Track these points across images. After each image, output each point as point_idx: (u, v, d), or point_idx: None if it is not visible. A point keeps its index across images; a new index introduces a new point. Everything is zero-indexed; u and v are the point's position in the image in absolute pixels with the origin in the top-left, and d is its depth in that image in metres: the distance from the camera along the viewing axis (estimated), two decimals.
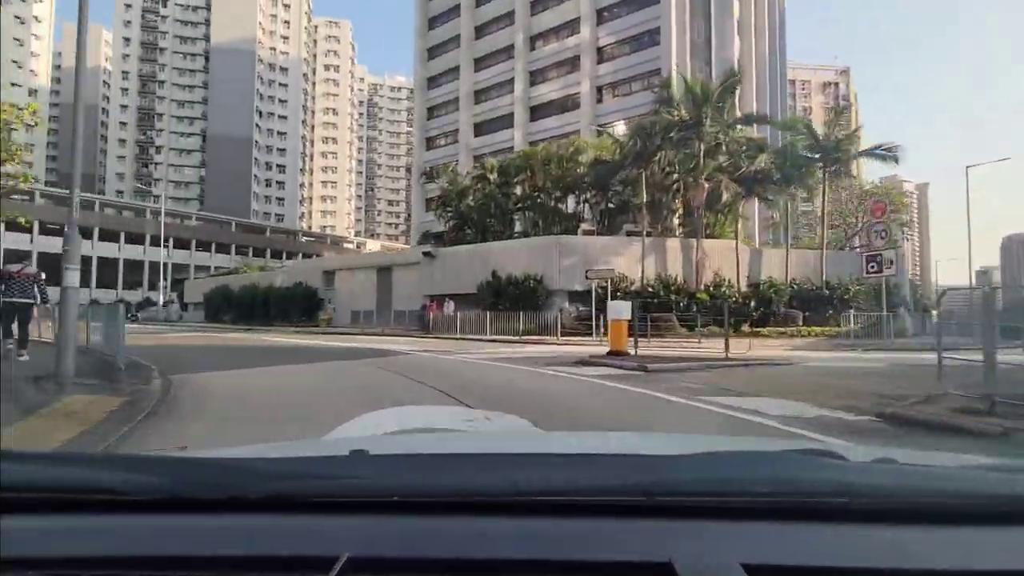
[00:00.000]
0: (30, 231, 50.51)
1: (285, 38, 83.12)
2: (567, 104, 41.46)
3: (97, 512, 0.69)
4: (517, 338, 18.89)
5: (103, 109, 79.90)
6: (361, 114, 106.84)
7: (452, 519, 0.69)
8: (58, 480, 0.72)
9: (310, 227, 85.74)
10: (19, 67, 62.82)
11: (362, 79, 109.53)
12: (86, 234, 56.04)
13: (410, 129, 72.81)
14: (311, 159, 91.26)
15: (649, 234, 22.60)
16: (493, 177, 27.17)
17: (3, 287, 8.41)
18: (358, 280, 31.76)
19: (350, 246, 75.61)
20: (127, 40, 78.71)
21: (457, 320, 21.56)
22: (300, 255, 63.83)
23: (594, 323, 17.50)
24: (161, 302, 39.77)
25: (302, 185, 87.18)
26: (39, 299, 9.05)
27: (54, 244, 46.60)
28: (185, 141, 77.90)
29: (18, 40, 63.04)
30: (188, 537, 0.67)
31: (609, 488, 0.73)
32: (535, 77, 43.71)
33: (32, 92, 66.78)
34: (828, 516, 0.70)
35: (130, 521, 0.69)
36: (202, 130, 77.67)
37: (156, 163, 78.44)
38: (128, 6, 77.98)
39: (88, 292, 54.06)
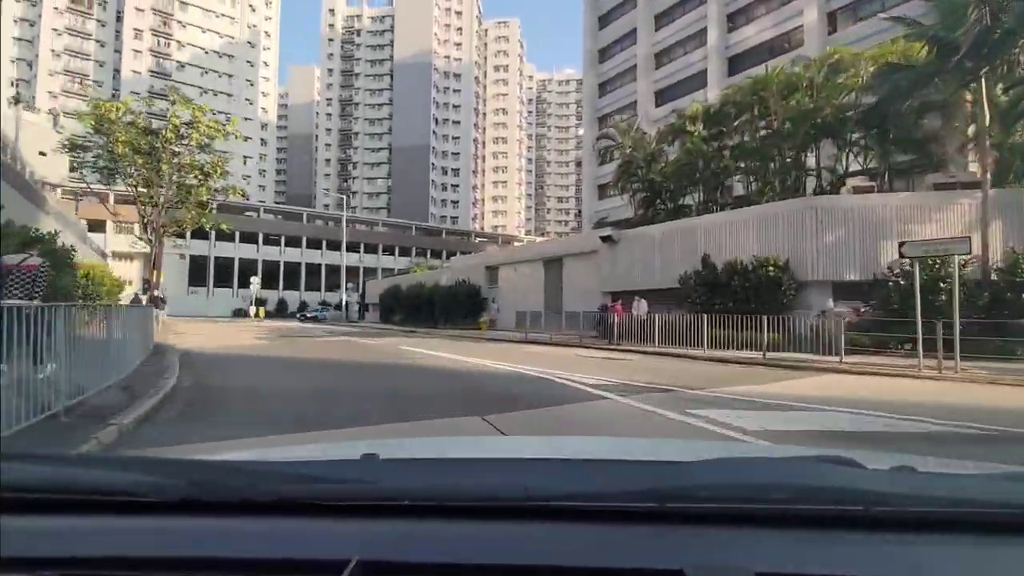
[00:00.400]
0: (256, 242, 58.62)
1: (458, 44, 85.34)
2: (781, 45, 31.83)
3: (109, 513, 0.70)
4: (760, 356, 11.91)
5: (315, 136, 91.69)
6: (530, 112, 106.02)
7: (463, 524, 0.69)
8: (70, 481, 0.73)
9: (482, 228, 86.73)
10: (250, 103, 74.11)
11: (530, 76, 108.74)
12: (296, 243, 63.95)
13: (579, 122, 67.93)
14: (482, 160, 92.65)
15: (968, 186, 13.49)
16: (696, 128, 20.02)
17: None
18: (523, 276, 27.54)
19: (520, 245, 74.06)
20: (330, 71, 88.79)
21: (654, 325, 15.25)
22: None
23: (920, 334, 9.60)
24: (343, 303, 41.14)
25: (474, 187, 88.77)
26: (34, 296, 6.24)
27: (271, 253, 51.87)
28: (375, 155, 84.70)
29: (249, 81, 74.44)
30: (199, 539, 0.67)
31: (621, 494, 0.71)
32: (735, 19, 34.90)
33: (263, 126, 78.99)
34: (845, 524, 0.69)
35: (141, 523, 0.70)
36: (388, 144, 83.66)
37: (353, 177, 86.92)
38: (331, 40, 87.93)
39: (298, 295, 61.96)
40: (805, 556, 0.64)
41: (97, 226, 45.17)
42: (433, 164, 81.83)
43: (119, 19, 67.65)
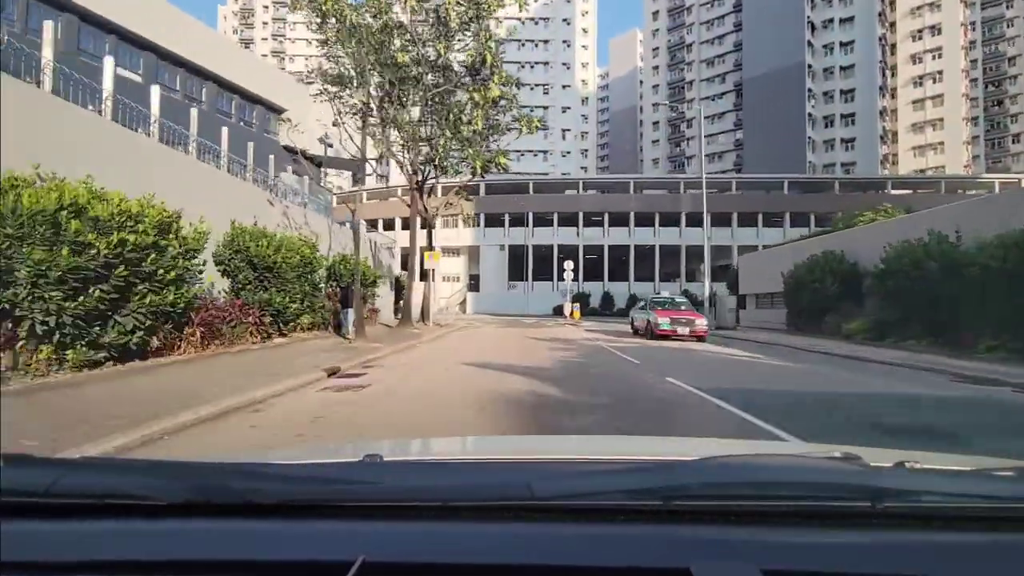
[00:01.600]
0: (576, 224, 47.55)
1: None
2: None
3: (112, 517, 0.69)
4: None
5: (639, 108, 77.69)
6: None
7: (468, 524, 0.69)
8: (72, 485, 0.72)
9: (896, 172, 55.24)
10: (567, 68, 64.96)
11: None
12: (621, 221, 49.95)
13: None
14: (892, 73, 60.03)
15: None
16: None
17: None
18: None
19: (975, 193, 40.90)
20: (655, 15, 72.87)
21: None
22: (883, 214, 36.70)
23: None
24: (708, 296, 23.21)
25: (882, 113, 57.44)
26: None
27: (594, 236, 35.52)
28: (716, 104, 64.32)
29: (566, 43, 65.34)
30: (204, 542, 0.67)
31: (626, 493, 0.70)
32: None
33: (583, 100, 69.08)
34: (851, 521, 0.69)
35: (145, 526, 0.69)
36: (735, 83, 62.01)
37: (687, 139, 68.59)
38: None
39: (626, 287, 48.98)
40: (811, 553, 0.64)
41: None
42: (811, 90, 55.82)
43: None
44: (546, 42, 64.29)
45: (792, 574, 0.60)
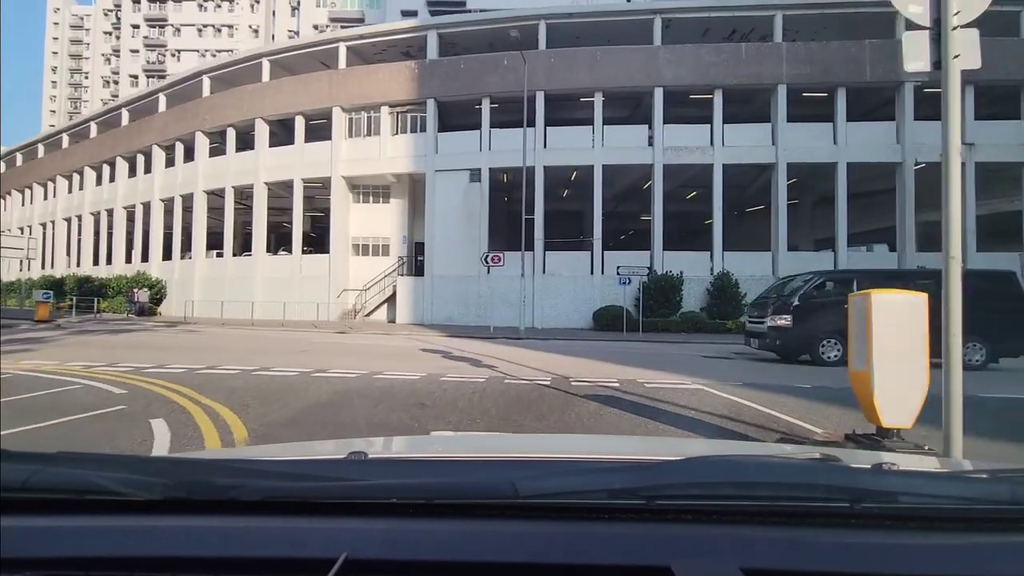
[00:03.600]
0: None
1: None
2: None
3: (94, 513, 0.69)
4: None
5: None
6: None
7: (450, 522, 0.69)
8: (56, 481, 0.72)
9: None
10: None
11: None
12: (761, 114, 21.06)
13: None
14: None
15: None
16: None
17: None
18: None
19: None
20: None
21: None
22: None
23: None
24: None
25: None
26: None
27: None
28: None
29: None
30: (186, 538, 0.66)
31: (608, 492, 0.71)
32: None
33: None
34: (830, 520, 0.70)
35: (128, 522, 0.69)
36: None
37: None
38: None
39: (767, 259, 21.32)
40: (791, 551, 0.65)
41: None
42: None
43: None
44: None
45: (771, 572, 0.61)
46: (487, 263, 18.02)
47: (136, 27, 59.78)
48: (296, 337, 14.37)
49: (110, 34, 65.62)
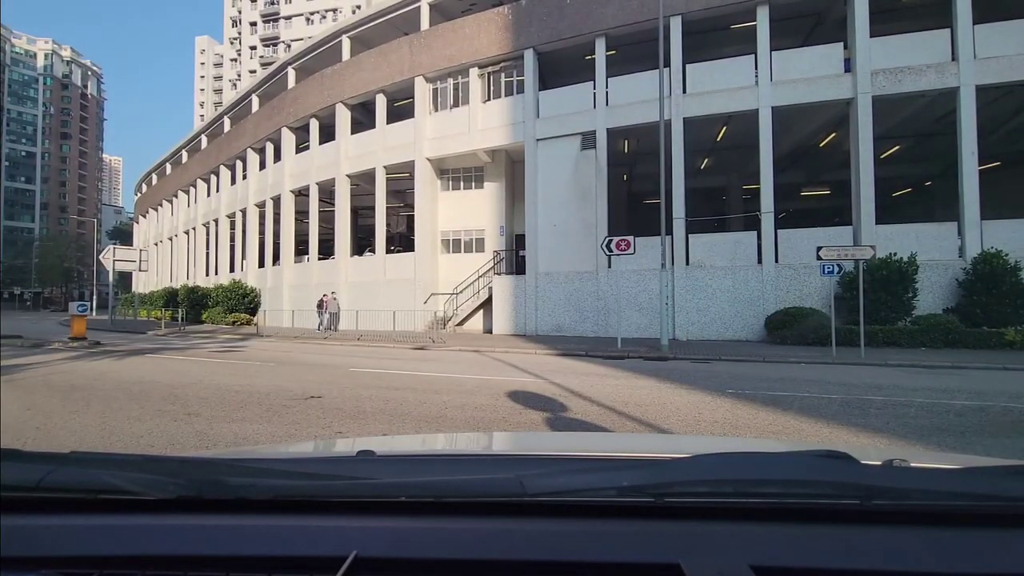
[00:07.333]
0: None
1: None
2: None
3: (108, 512, 0.70)
4: None
5: None
6: None
7: (459, 520, 0.69)
8: (70, 480, 0.72)
9: None
10: None
11: None
12: None
13: None
14: None
15: None
16: None
17: None
18: None
19: None
20: None
21: None
22: None
23: None
24: None
25: None
26: None
27: None
28: None
29: None
30: (198, 537, 0.67)
31: (616, 489, 0.71)
32: None
33: None
34: (839, 518, 0.70)
35: (140, 521, 0.69)
36: None
37: None
38: None
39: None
40: (800, 549, 0.64)
41: None
42: None
43: None
44: None
45: (781, 570, 0.60)
46: (609, 251, 12.88)
47: (253, 48, 63.28)
48: (344, 360, 10.37)
49: (236, 60, 70.63)
